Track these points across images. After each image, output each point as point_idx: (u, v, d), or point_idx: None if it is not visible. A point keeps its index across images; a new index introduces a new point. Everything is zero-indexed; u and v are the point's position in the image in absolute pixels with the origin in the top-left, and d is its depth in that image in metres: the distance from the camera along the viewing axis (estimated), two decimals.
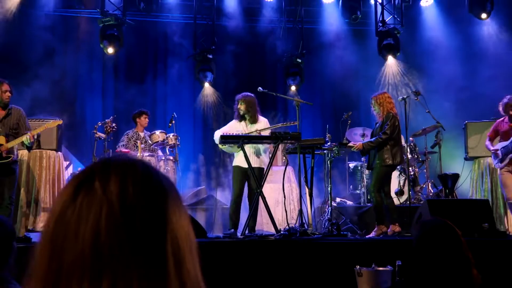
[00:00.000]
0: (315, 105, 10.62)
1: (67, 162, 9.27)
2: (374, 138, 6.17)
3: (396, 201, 7.49)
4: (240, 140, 5.60)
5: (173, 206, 0.78)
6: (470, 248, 2.46)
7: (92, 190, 0.74)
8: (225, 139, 5.68)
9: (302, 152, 6.26)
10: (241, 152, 5.93)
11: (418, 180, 8.41)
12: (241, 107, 6.25)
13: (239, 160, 6.17)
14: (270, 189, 7.71)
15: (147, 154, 7.77)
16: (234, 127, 6.36)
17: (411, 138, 8.35)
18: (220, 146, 6.16)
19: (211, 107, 10.04)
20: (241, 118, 6.31)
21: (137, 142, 7.93)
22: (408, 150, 8.11)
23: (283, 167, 8.10)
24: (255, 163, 6.10)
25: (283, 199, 8.05)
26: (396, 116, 6.18)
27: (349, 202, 8.01)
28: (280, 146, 5.89)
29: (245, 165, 6.00)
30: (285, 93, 10.18)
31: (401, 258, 3.64)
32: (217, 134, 6.21)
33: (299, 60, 10.17)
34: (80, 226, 0.72)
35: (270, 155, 6.10)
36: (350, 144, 6.36)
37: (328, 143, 6.52)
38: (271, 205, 7.67)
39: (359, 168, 8.32)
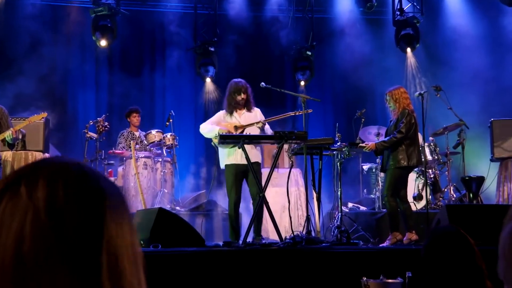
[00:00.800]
0: (326, 102, 10.62)
1: None
2: (388, 138, 6.13)
3: (414, 206, 7.44)
4: (240, 140, 5.59)
5: (112, 212, 0.76)
6: (493, 259, 2.43)
7: (17, 195, 0.73)
8: (224, 139, 5.67)
9: (309, 153, 6.23)
10: (236, 148, 5.89)
11: (439, 183, 8.36)
12: (244, 96, 6.18)
13: (234, 157, 6.01)
14: (276, 194, 7.68)
15: (142, 155, 7.79)
16: (225, 119, 6.26)
17: (431, 138, 8.29)
18: (214, 140, 6.10)
19: (213, 104, 10.05)
20: (233, 109, 6.23)
21: (131, 143, 7.95)
22: (428, 150, 8.06)
23: (292, 170, 8.16)
24: (254, 158, 6.02)
25: (291, 205, 8.11)
26: (412, 113, 6.14)
27: (362, 208, 7.98)
28: (284, 146, 5.86)
29: (242, 162, 5.90)
30: (294, 89, 10.17)
31: (415, 269, 3.61)
32: (206, 127, 6.19)
33: (309, 53, 10.15)
34: (1, 234, 0.72)
35: (274, 155, 6.09)
36: (362, 144, 6.33)
37: (338, 143, 6.48)
38: (277, 210, 7.66)
39: (374, 170, 8.28)
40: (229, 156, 6.03)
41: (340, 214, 6.31)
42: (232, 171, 5.96)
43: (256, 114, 6.29)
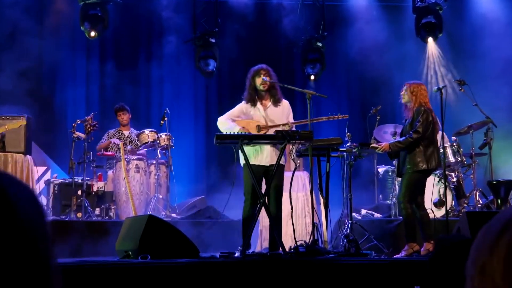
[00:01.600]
0: (339, 98, 10.61)
1: (44, 168, 9.40)
2: (403, 138, 6.09)
3: (434, 213, 7.39)
4: (239, 141, 5.57)
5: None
6: None
7: None
8: (221, 139, 5.65)
9: (316, 154, 6.21)
10: (258, 148, 5.84)
11: (464, 188, 8.30)
12: (267, 77, 6.02)
13: (256, 158, 5.91)
14: (283, 199, 7.68)
15: (134, 157, 7.81)
16: (247, 112, 6.11)
17: (454, 137, 8.24)
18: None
19: (214, 101, 10.06)
20: (255, 99, 6.07)
21: (119, 143, 7.98)
22: (450, 151, 8.01)
23: (298, 173, 8.14)
24: (273, 160, 5.91)
25: (298, 211, 8.09)
26: (429, 111, 6.10)
27: (377, 215, 7.94)
28: (287, 147, 5.83)
29: (267, 163, 5.86)
30: (303, 84, 10.16)
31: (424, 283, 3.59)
32: (225, 124, 6.04)
33: (320, 44, 10.14)
34: None
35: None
36: (374, 145, 6.29)
37: (348, 143, 6.45)
38: (283, 217, 7.63)
39: (390, 173, 8.24)
40: (251, 157, 5.88)
41: (350, 221, 6.28)
42: (255, 170, 5.75)
43: (284, 109, 6.13)
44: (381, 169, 8.45)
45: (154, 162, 7.96)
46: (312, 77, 10.24)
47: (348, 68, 10.52)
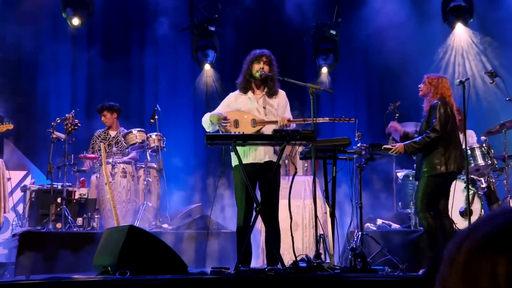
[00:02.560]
0: (355, 93, 10.57)
1: (24, 173, 9.45)
2: (419, 138, 6.05)
3: (462, 224, 7.33)
4: (231, 141, 5.54)
5: None
6: None
7: None
8: (211, 140, 5.62)
9: (322, 156, 6.17)
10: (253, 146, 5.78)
11: (496, 194, 8.21)
12: (266, 67, 6.03)
13: (252, 154, 5.85)
14: (286, 208, 7.64)
15: (120, 160, 7.82)
16: (235, 101, 6.09)
17: (483, 137, 8.15)
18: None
19: (213, 96, 10.06)
20: (248, 86, 6.03)
21: (104, 144, 7.98)
22: (479, 153, 7.92)
23: (305, 177, 8.12)
24: (268, 156, 5.88)
25: (306, 221, 8.06)
26: (447, 105, 6.03)
27: (395, 225, 7.88)
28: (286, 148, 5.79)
29: (260, 160, 5.81)
30: (315, 77, 10.14)
31: None
32: (204, 118, 6.08)
33: (333, 32, 10.10)
34: None
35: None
36: (387, 146, 6.24)
37: (358, 144, 6.41)
38: (288, 228, 7.57)
39: (411, 178, 8.17)
40: (242, 155, 5.76)
41: (360, 233, 6.24)
42: (246, 171, 5.61)
43: (280, 101, 6.06)
44: (400, 173, 8.39)
45: (143, 165, 7.96)
46: (325, 70, 10.21)
47: (365, 59, 10.48)
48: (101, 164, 7.62)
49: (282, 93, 6.15)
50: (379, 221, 7.90)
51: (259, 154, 5.88)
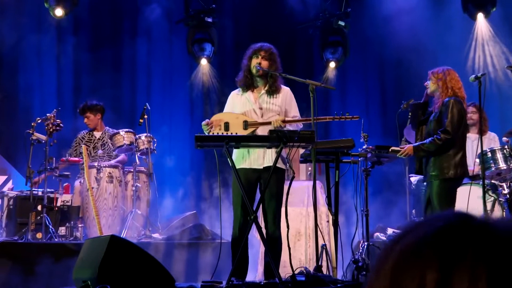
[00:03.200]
0: (367, 90, 10.52)
1: (4, 177, 9.45)
2: (429, 139, 6.02)
3: None
4: (223, 143, 5.51)
5: None
6: None
7: None
8: (201, 141, 5.60)
9: (324, 160, 6.15)
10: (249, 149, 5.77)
11: None
12: (265, 62, 6.02)
13: (250, 158, 5.85)
14: (287, 215, 7.63)
15: (105, 163, 7.81)
16: (236, 104, 6.08)
17: (505, 139, 8.08)
18: None
19: (210, 94, 10.04)
20: (248, 83, 6.03)
21: (89, 146, 7.98)
22: (501, 156, 7.84)
23: (309, 182, 8.08)
24: (268, 161, 5.84)
25: (309, 231, 8.00)
26: (461, 102, 5.99)
27: None
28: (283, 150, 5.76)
29: (260, 165, 5.81)
30: (322, 73, 10.12)
31: None
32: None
33: (342, 23, 10.07)
34: None
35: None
36: (395, 148, 6.20)
37: (364, 146, 6.38)
38: (290, 238, 7.57)
39: (425, 183, 8.13)
40: (240, 159, 5.82)
41: (365, 243, 6.21)
42: (243, 177, 5.66)
43: (284, 100, 6.03)
44: (413, 178, 8.35)
45: (132, 170, 7.94)
46: (333, 64, 10.17)
47: (377, 52, 10.44)
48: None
49: (286, 90, 6.11)
50: (390, 231, 7.88)
51: (258, 158, 5.84)
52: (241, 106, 6.04)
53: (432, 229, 0.88)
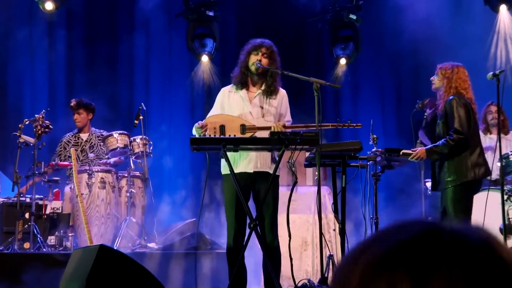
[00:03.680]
0: (381, 88, 10.49)
1: None
2: (441, 141, 6.00)
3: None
4: (221, 146, 5.49)
5: None
6: None
7: None
8: (197, 144, 5.58)
9: (330, 163, 6.13)
10: (244, 152, 5.75)
11: None
12: (265, 59, 5.94)
13: (241, 162, 5.84)
14: (294, 224, 7.60)
15: (97, 168, 7.80)
16: (230, 102, 6.03)
17: None
18: None
19: (212, 92, 10.02)
20: (243, 81, 5.98)
21: (77, 150, 7.99)
22: None
23: (315, 188, 8.05)
24: (261, 165, 5.85)
25: (316, 240, 7.96)
26: (465, 100, 5.97)
27: None
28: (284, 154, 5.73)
29: (250, 169, 5.79)
30: (332, 70, 10.09)
31: None
32: (193, 130, 6.07)
33: (353, 17, 10.04)
34: None
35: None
36: (406, 151, 6.17)
37: (374, 149, 6.35)
38: (296, 248, 7.55)
39: None
40: (234, 163, 5.77)
41: None
42: (233, 184, 5.62)
43: (280, 103, 6.00)
44: (429, 184, 8.30)
45: (126, 175, 7.93)
46: (343, 61, 10.14)
47: (392, 47, 10.38)
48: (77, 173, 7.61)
49: (282, 93, 6.07)
50: None
51: (252, 163, 5.81)
52: (235, 106, 6.00)
53: (400, 241, 0.88)
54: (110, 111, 9.35)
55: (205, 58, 10.09)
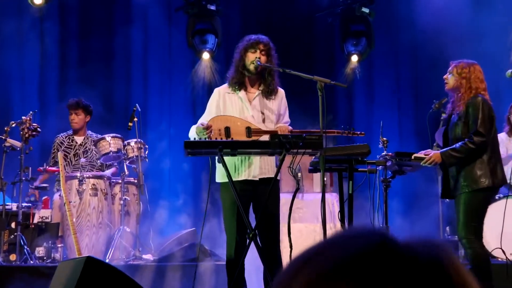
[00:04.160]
0: (397, 87, 10.45)
1: None
2: (459, 144, 5.95)
3: None
4: (217, 150, 5.46)
5: None
6: None
7: None
8: (192, 148, 5.56)
9: (337, 168, 6.10)
10: (244, 159, 5.76)
11: None
12: (263, 56, 5.94)
13: (244, 169, 5.84)
14: (300, 233, 7.61)
15: (89, 174, 7.79)
16: (226, 105, 6.05)
17: None
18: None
19: (213, 91, 10.01)
20: (241, 81, 5.98)
21: (69, 153, 7.97)
22: None
23: (320, 194, 8.02)
24: (265, 171, 5.85)
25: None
26: (488, 101, 5.94)
27: None
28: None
29: (255, 177, 5.79)
30: (343, 67, 10.07)
31: None
32: (191, 131, 6.04)
33: (366, 10, 10.02)
34: None
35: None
36: (419, 155, 6.12)
37: (383, 153, 6.31)
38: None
39: None
40: (232, 170, 5.74)
41: None
42: (232, 192, 5.58)
43: (278, 103, 6.03)
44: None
45: (120, 181, 7.92)
46: (355, 58, 10.11)
47: (407, 43, 10.35)
48: (66, 180, 7.59)
49: (281, 92, 6.09)
50: None
51: (254, 169, 5.79)
52: (233, 108, 5.99)
53: (348, 252, 0.88)
54: (105, 111, 9.36)
55: (206, 55, 10.08)
